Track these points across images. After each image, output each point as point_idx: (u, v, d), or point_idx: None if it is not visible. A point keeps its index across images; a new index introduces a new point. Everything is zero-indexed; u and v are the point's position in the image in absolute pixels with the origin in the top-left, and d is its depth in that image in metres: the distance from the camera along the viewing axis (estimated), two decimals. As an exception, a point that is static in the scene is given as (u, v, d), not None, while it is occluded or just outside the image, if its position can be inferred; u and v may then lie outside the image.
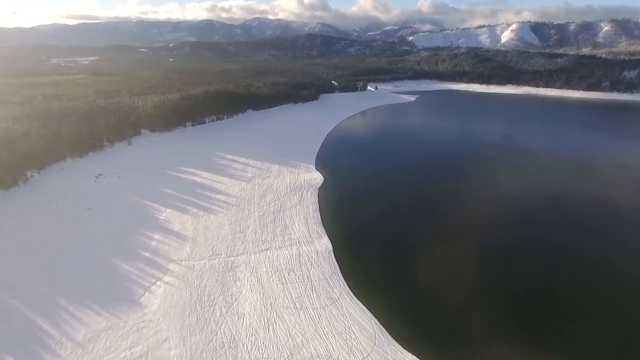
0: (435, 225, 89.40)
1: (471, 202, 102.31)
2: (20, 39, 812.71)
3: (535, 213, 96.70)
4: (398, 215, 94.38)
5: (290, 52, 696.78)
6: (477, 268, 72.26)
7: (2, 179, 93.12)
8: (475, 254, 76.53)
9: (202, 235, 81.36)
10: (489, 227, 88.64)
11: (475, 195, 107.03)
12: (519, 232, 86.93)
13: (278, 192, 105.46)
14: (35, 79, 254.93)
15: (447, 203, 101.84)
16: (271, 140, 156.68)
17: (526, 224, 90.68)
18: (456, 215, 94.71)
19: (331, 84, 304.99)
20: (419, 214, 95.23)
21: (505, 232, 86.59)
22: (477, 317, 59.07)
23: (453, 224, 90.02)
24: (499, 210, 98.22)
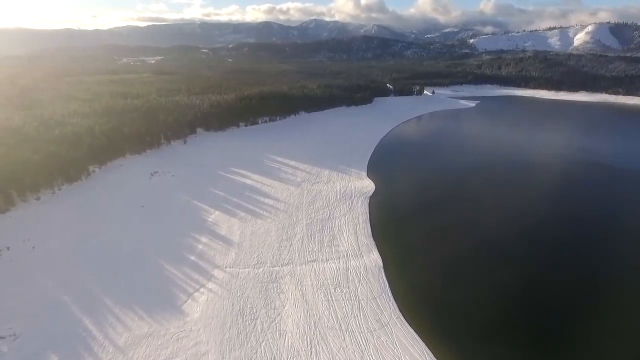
0: (499, 246, 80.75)
1: (539, 222, 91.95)
2: (98, 39, 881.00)
3: (621, 242, 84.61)
4: (456, 232, 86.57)
5: (345, 54, 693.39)
6: (551, 297, 63.57)
7: (67, 173, 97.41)
8: (548, 280, 67.85)
9: (248, 241, 79.33)
10: (560, 248, 78.76)
11: (543, 215, 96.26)
12: (599, 259, 76.08)
13: (327, 199, 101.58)
14: (106, 77, 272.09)
15: (513, 221, 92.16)
16: (322, 144, 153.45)
17: (607, 252, 79.36)
18: (522, 235, 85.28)
19: (386, 87, 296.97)
20: (479, 232, 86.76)
21: (582, 259, 76.17)
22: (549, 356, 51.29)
23: (519, 245, 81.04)
24: (571, 231, 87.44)
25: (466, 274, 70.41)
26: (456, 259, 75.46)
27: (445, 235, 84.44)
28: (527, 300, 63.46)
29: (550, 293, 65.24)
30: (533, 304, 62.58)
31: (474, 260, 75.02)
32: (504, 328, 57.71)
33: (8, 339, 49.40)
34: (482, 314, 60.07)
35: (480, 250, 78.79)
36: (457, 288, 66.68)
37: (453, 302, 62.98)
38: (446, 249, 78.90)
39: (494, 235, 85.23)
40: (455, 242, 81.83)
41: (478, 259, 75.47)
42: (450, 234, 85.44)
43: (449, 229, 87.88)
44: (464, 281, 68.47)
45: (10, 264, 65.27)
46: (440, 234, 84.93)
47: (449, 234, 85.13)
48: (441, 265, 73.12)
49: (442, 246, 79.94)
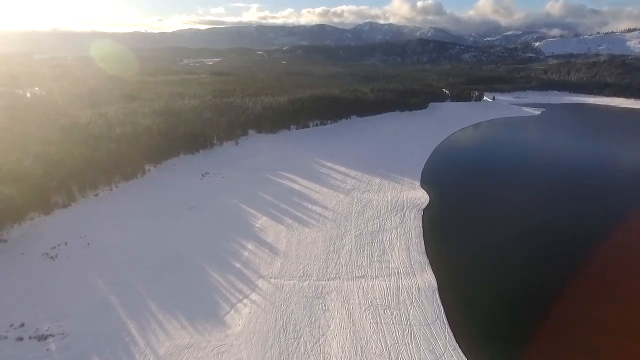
0: (569, 273, 71.39)
1: (617, 249, 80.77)
2: (162, 41, 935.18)
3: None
4: (519, 255, 78.12)
5: (399, 57, 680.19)
6: (624, 327, 54.45)
7: (125, 171, 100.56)
8: (620, 307, 58.47)
9: (295, 250, 76.42)
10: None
11: (622, 241, 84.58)
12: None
13: (378, 210, 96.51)
14: (167, 77, 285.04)
15: (585, 246, 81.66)
16: (374, 150, 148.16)
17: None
18: (594, 258, 75.28)
19: (442, 92, 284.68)
20: (544, 254, 77.70)
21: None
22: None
23: (589, 270, 71.50)
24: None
25: (530, 303, 62.59)
26: (520, 284, 67.64)
27: (508, 258, 76.39)
28: (609, 342, 54.77)
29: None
30: (616, 347, 53.83)
31: (541, 288, 66.69)
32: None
33: (57, 337, 49.84)
34: (550, 346, 52.49)
35: (548, 277, 70.08)
36: (522, 319, 59.28)
37: (517, 335, 55.90)
38: (509, 273, 71.12)
39: (564, 260, 75.75)
40: (519, 266, 73.67)
41: (545, 287, 67.00)
42: (513, 256, 77.23)
43: (511, 250, 79.56)
44: (529, 311, 60.80)
45: (66, 260, 67.14)
46: (502, 256, 77.05)
47: (512, 257, 76.96)
48: (503, 292, 65.76)
49: (504, 270, 72.21)
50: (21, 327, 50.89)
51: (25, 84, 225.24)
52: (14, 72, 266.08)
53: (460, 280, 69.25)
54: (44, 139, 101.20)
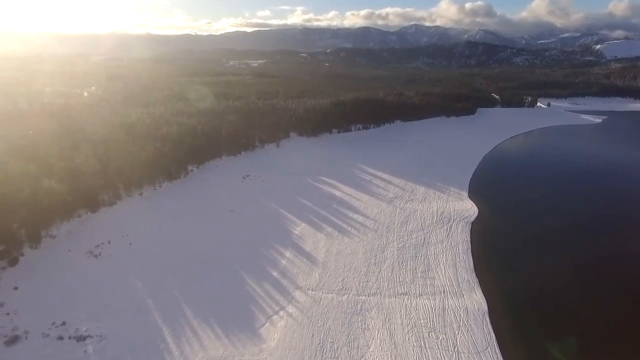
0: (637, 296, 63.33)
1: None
2: (211, 44, 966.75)
3: None
4: (579, 275, 70.57)
5: (445, 61, 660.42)
6: None
7: (169, 171, 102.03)
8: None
9: (334, 261, 73.31)
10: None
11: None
12: None
13: (422, 221, 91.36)
14: (213, 79, 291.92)
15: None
16: (418, 157, 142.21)
17: None
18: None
19: (491, 97, 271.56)
20: (610, 277, 69.57)
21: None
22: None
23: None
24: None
25: (595, 333, 55.62)
26: (580, 310, 60.59)
27: (567, 280, 69.05)
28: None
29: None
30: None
31: (607, 316, 59.28)
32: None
33: (95, 339, 49.77)
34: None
35: (616, 302, 62.31)
36: (584, 350, 52.66)
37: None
38: (568, 297, 64.03)
39: (634, 286, 67.29)
40: (579, 290, 66.27)
41: (613, 315, 59.46)
42: (572, 279, 69.78)
43: (570, 272, 71.96)
44: (592, 341, 54.00)
45: (108, 260, 68.03)
46: (561, 278, 69.79)
47: (571, 279, 69.54)
48: (562, 318, 59.08)
49: (563, 294, 65.18)
50: (62, 326, 51.34)
51: (83, 83, 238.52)
52: (74, 73, 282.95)
53: (514, 303, 63.28)
54: (95, 138, 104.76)
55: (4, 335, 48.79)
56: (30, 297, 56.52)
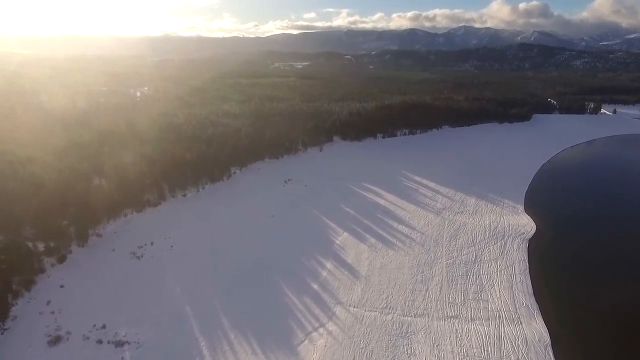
0: None
1: None
2: (257, 46, 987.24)
3: None
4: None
5: (496, 63, 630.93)
6: None
7: (212, 173, 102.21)
8: None
9: (377, 275, 69.13)
10: None
11: None
12: None
13: (473, 236, 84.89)
14: (258, 80, 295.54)
15: None
16: (468, 165, 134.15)
17: None
18: None
19: (548, 102, 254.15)
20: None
21: None
22: None
23: None
24: None
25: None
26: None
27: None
28: None
29: None
30: None
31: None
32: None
33: (132, 345, 49.00)
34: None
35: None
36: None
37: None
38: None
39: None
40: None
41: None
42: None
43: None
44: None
45: (150, 262, 67.99)
46: (634, 307, 61.52)
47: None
48: (637, 357, 51.51)
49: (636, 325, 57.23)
50: (102, 329, 51.10)
51: (136, 84, 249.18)
52: (129, 73, 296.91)
53: (580, 335, 56.48)
54: (144, 138, 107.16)
55: (47, 335, 49.20)
56: (74, 297, 57.09)
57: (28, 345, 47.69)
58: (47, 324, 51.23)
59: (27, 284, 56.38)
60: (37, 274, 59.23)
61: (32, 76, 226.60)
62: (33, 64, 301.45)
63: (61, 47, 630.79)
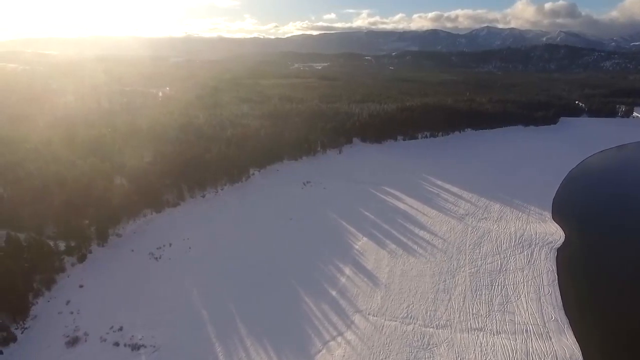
0: None
1: None
2: (277, 47, 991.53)
3: None
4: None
5: (521, 65, 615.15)
6: None
7: (231, 174, 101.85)
8: None
9: (398, 282, 67.10)
10: None
11: None
12: None
13: (498, 243, 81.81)
14: (278, 81, 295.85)
15: None
16: (492, 170, 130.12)
17: None
18: None
19: (576, 105, 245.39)
20: None
21: None
22: None
23: None
24: None
25: None
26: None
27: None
28: None
29: None
30: None
31: None
32: None
33: (149, 349, 48.53)
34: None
35: None
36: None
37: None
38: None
39: None
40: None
41: None
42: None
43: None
44: None
45: (168, 263, 67.78)
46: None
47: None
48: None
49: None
50: (119, 331, 50.85)
51: (158, 84, 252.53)
52: (152, 74, 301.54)
53: (614, 352, 53.21)
54: (164, 138, 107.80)
55: (66, 336, 49.24)
56: (93, 297, 57.18)
57: (47, 345, 47.82)
58: (65, 324, 51.33)
59: (47, 283, 56.76)
60: (58, 273, 59.63)
61: (60, 76, 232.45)
62: (62, 64, 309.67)
63: (89, 48, 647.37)
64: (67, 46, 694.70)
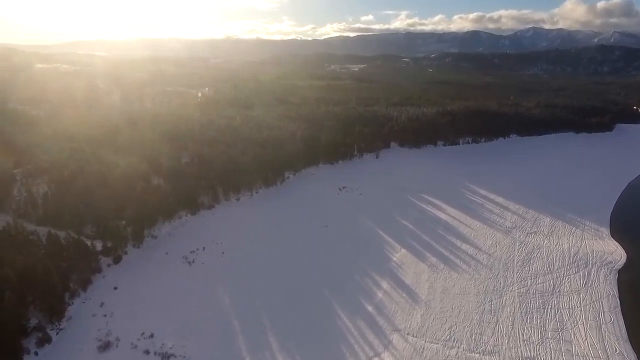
0: None
1: None
2: (314, 48, 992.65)
3: None
4: None
5: (570, 67, 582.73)
6: None
7: (266, 177, 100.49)
8: None
9: (439, 300, 62.68)
10: None
11: None
12: None
13: (549, 261, 75.36)
14: (314, 82, 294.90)
15: None
16: (541, 179, 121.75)
17: None
18: None
19: (634, 110, 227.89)
20: None
21: None
22: None
23: None
24: None
25: None
26: None
27: None
28: None
29: None
30: None
31: None
32: None
33: (178, 359, 47.05)
34: None
35: None
36: None
37: None
38: None
39: None
40: None
41: None
42: None
43: None
44: None
45: (201, 268, 66.75)
46: None
47: None
48: None
49: None
50: (150, 338, 49.82)
51: (198, 84, 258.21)
52: (192, 75, 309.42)
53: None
54: (202, 139, 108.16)
55: (98, 340, 48.77)
56: (126, 300, 56.74)
57: (80, 349, 47.44)
58: (98, 328, 50.95)
59: (84, 284, 56.97)
60: (94, 273, 59.84)
61: (107, 76, 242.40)
62: (109, 65, 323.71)
63: (135, 49, 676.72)
64: (116, 48, 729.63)
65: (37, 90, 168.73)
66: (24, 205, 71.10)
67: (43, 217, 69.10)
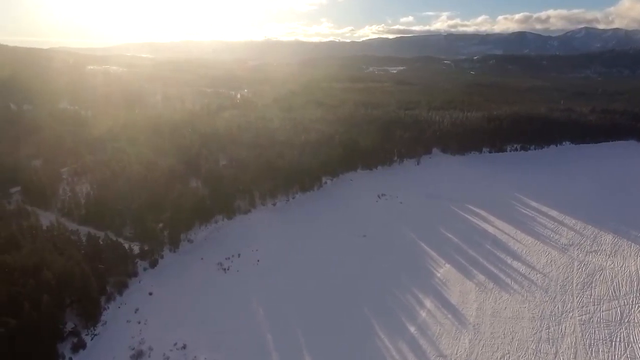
0: None
1: None
2: (352, 50, 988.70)
3: None
4: None
5: (627, 70, 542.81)
6: None
7: (303, 181, 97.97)
8: None
9: (489, 324, 57.34)
10: None
11: None
12: None
13: (615, 286, 67.70)
14: (352, 85, 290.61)
15: None
16: (601, 191, 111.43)
17: None
18: None
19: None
20: None
21: None
22: None
23: None
24: None
25: None
26: None
27: None
28: None
29: None
30: None
31: None
32: None
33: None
34: None
35: None
36: None
37: None
38: None
39: None
40: None
41: None
42: None
43: None
44: None
45: (235, 276, 64.95)
46: None
47: None
48: None
49: None
50: (182, 350, 48.28)
51: (237, 86, 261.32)
52: (232, 76, 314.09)
53: None
54: (239, 141, 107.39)
55: (131, 348, 47.72)
56: (160, 307, 55.69)
57: (113, 357, 46.50)
58: (132, 335, 49.97)
59: (120, 287, 56.46)
60: (130, 277, 59.34)
61: (151, 78, 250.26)
62: (155, 67, 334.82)
63: (179, 52, 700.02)
64: (161, 50, 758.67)
65: (87, 90, 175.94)
66: (67, 205, 72.51)
67: (85, 216, 70.09)
